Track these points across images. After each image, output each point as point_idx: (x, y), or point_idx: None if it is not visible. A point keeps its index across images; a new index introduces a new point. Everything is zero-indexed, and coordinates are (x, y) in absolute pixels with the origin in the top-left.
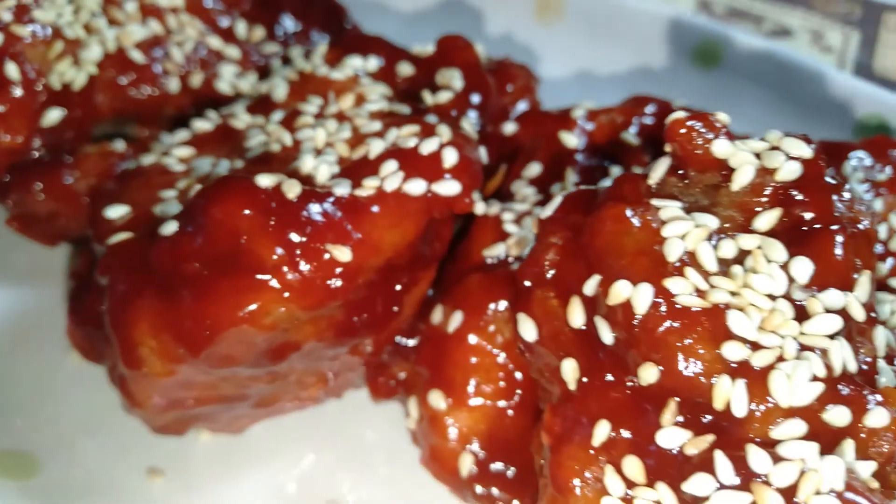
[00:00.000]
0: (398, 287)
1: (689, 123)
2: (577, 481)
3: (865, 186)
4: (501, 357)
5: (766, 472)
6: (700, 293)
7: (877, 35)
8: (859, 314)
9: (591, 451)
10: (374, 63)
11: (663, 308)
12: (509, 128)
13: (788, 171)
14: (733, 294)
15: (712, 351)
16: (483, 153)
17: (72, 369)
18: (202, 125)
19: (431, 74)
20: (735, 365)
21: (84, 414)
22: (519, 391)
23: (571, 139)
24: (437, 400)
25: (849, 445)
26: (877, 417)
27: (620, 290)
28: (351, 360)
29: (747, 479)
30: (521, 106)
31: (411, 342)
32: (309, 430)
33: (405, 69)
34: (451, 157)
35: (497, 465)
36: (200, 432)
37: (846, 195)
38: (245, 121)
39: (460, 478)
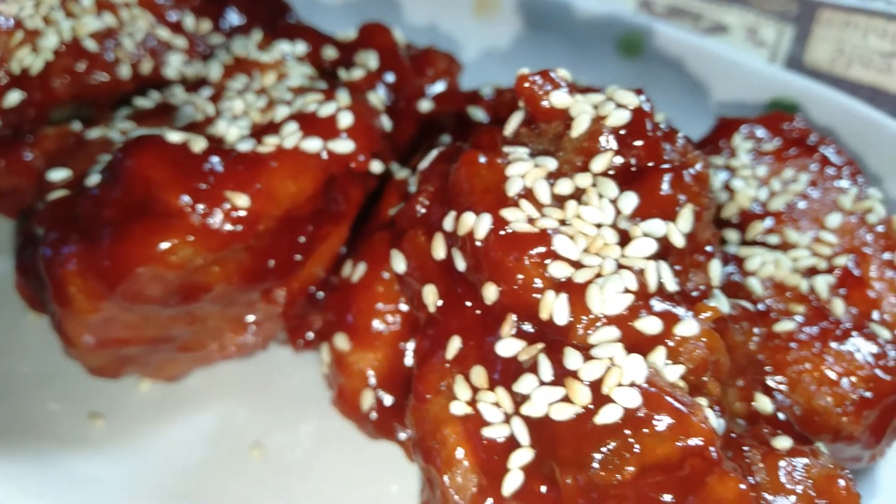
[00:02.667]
0: (302, 238)
1: (532, 78)
2: (432, 390)
3: (751, 154)
4: (400, 303)
5: (577, 368)
6: (531, 221)
7: (810, 30)
8: (679, 241)
9: (446, 365)
10: (301, 48)
11: (499, 233)
12: (425, 105)
13: (617, 117)
14: (563, 222)
15: (539, 270)
16: (386, 121)
17: (29, 328)
18: (143, 102)
19: (353, 57)
20: (559, 281)
21: (35, 366)
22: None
23: (478, 113)
24: (342, 342)
25: (660, 351)
26: (687, 327)
27: (467, 221)
28: (268, 310)
29: (562, 376)
30: (441, 87)
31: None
32: (241, 380)
33: (329, 52)
34: (346, 120)
35: (394, 399)
36: (140, 381)
37: (679, 142)
38: (181, 98)
39: (362, 413)
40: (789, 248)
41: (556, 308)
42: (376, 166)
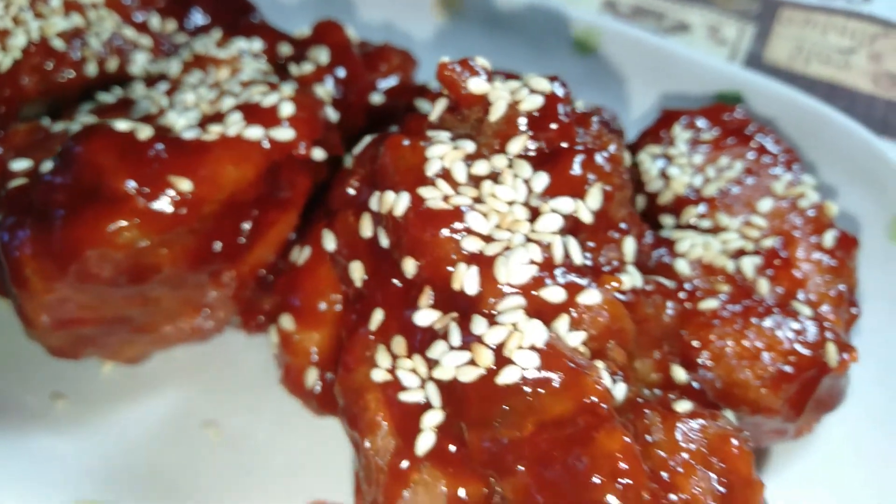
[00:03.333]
0: (247, 223)
1: (451, 66)
2: (357, 360)
3: (689, 143)
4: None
5: (482, 333)
6: (447, 199)
7: (771, 28)
8: (587, 217)
9: (371, 336)
10: (257, 45)
11: (417, 210)
12: (376, 98)
13: (531, 102)
14: (477, 200)
15: (452, 244)
16: (331, 112)
17: None
18: (105, 97)
19: (306, 53)
20: (470, 254)
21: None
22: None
23: (425, 105)
24: (287, 323)
25: (563, 319)
26: (589, 296)
27: (388, 199)
28: (220, 294)
29: (469, 341)
30: (394, 82)
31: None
32: (198, 363)
33: (284, 49)
34: (287, 109)
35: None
36: (102, 363)
37: (594, 126)
38: (140, 93)
39: (307, 390)
40: (720, 231)
41: (466, 279)
42: (318, 154)
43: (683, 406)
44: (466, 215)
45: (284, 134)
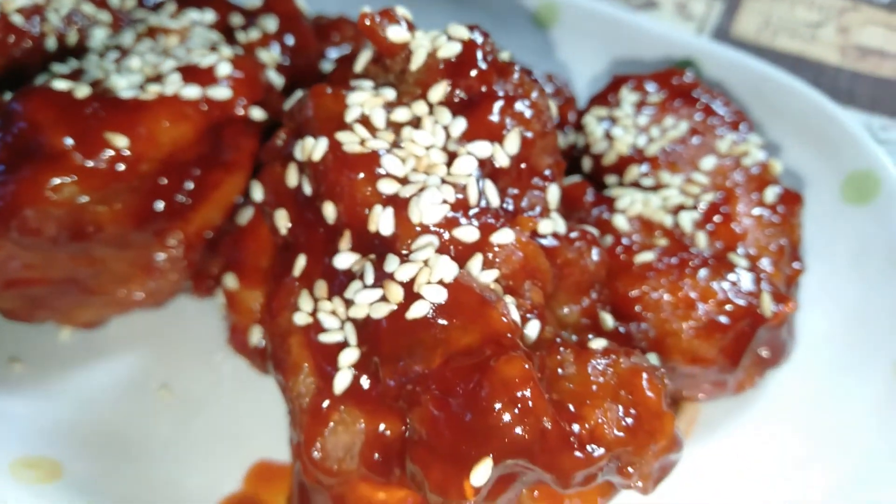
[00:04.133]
0: (189, 183)
1: (372, 15)
2: (281, 306)
3: (635, 105)
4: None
5: (393, 271)
6: (363, 143)
7: (739, 3)
8: (503, 160)
9: (295, 283)
10: (209, 16)
11: (335, 153)
12: (326, 66)
13: (449, 49)
14: (395, 145)
15: (368, 187)
16: (274, 76)
17: None
18: (60, 68)
19: (256, 22)
20: (386, 196)
21: None
22: None
23: None
24: (231, 282)
25: (477, 258)
26: (503, 236)
27: (308, 145)
28: (168, 255)
29: (381, 278)
30: (346, 51)
31: None
32: (154, 328)
33: (236, 20)
34: (224, 69)
35: None
36: (60, 329)
37: (515, 75)
38: (93, 63)
39: (251, 348)
40: (662, 188)
41: (381, 221)
42: (257, 114)
43: (598, 343)
44: (382, 159)
45: (221, 93)
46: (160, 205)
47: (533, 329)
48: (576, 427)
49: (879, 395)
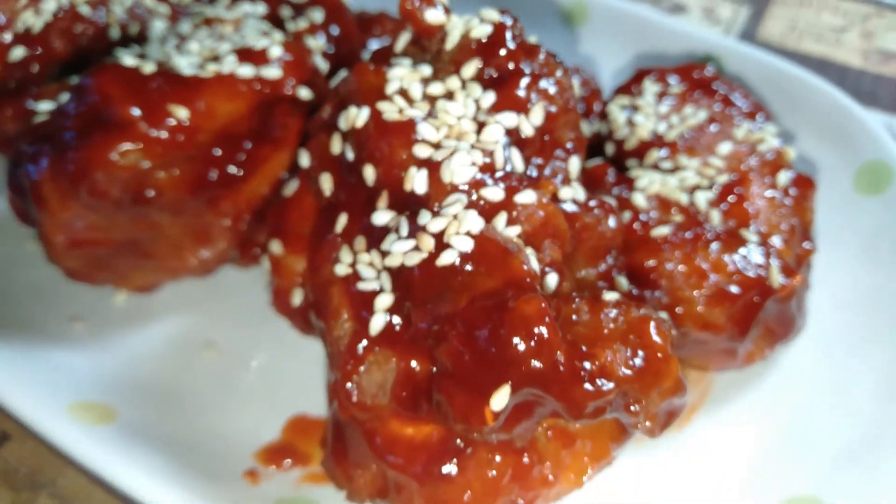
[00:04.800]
0: (241, 155)
1: (411, 0)
2: (324, 260)
3: (657, 95)
4: None
5: (426, 223)
6: (401, 112)
7: (765, 9)
8: (528, 130)
9: (338, 239)
10: (261, 8)
11: (376, 121)
12: (367, 56)
13: (481, 31)
14: (429, 114)
15: (405, 150)
16: (320, 62)
17: (26, 252)
18: (123, 53)
19: (304, 13)
20: (421, 160)
21: (29, 279)
22: None
23: None
24: (276, 248)
25: (502, 215)
26: (525, 196)
27: (351, 114)
28: (219, 224)
29: (415, 231)
30: (386, 43)
31: None
32: (203, 294)
33: (285, 12)
34: (276, 51)
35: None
36: (118, 292)
37: (542, 56)
38: (154, 48)
39: (293, 309)
40: (679, 170)
41: (416, 181)
42: (304, 93)
43: (611, 296)
44: (418, 126)
45: (273, 73)
46: (214, 174)
47: (552, 281)
48: (587, 364)
49: (885, 371)
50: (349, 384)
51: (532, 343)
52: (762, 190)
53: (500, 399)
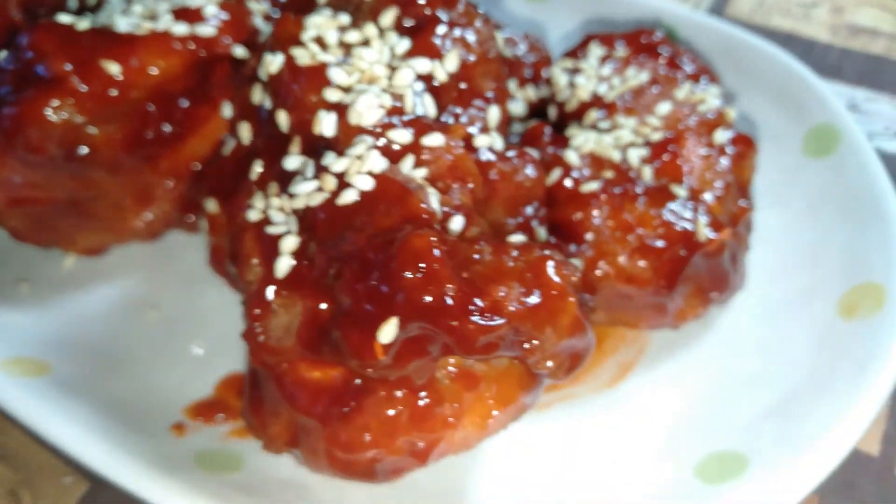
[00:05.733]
0: (178, 114)
1: None
2: (240, 207)
3: (601, 58)
4: None
5: (329, 164)
6: (314, 57)
7: None
8: (441, 76)
9: (253, 186)
10: None
11: (288, 66)
12: None
13: None
14: (343, 60)
15: (315, 94)
16: (261, 24)
17: None
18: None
19: None
20: (331, 103)
21: None
22: None
23: None
24: (211, 205)
25: (409, 157)
26: (433, 139)
27: (267, 60)
28: (160, 184)
29: (319, 171)
30: None
31: None
32: (149, 257)
33: None
34: (211, 10)
35: None
36: (65, 256)
37: (461, 6)
38: (105, 14)
39: (227, 270)
40: (617, 129)
41: (325, 123)
42: (240, 52)
43: (517, 238)
44: (329, 70)
45: (207, 30)
46: (149, 132)
47: (457, 223)
48: (478, 299)
49: (820, 330)
50: (256, 327)
51: (419, 275)
52: (697, 148)
53: (388, 332)
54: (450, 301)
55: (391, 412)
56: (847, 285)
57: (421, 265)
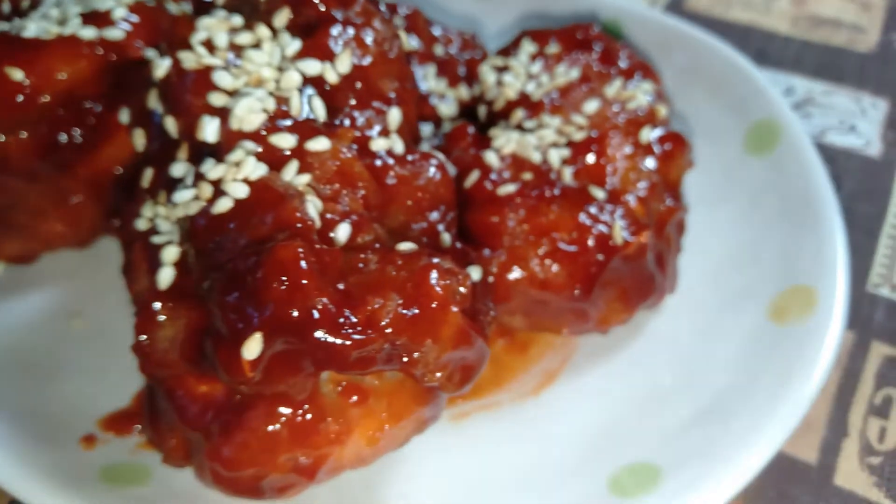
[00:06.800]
0: (91, 119)
1: None
2: (133, 215)
3: (532, 55)
4: None
5: (206, 171)
6: (200, 61)
7: None
8: (332, 77)
9: (145, 194)
10: None
11: (175, 70)
12: None
13: None
14: (230, 63)
15: (201, 99)
16: None
17: None
18: None
19: None
20: (215, 108)
21: None
22: None
23: None
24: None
25: (293, 163)
26: (318, 144)
27: (155, 64)
28: (80, 190)
29: (198, 178)
30: None
31: None
32: (79, 265)
33: None
34: (120, 13)
35: None
36: None
37: (358, 6)
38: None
39: None
40: (541, 129)
41: (207, 129)
42: (150, 54)
43: (406, 246)
44: (214, 73)
45: (115, 34)
46: (63, 137)
47: (343, 231)
48: (350, 312)
49: (749, 334)
50: (142, 340)
51: (283, 289)
52: (622, 147)
53: (253, 348)
54: (317, 315)
55: (271, 428)
56: (780, 288)
57: (285, 276)
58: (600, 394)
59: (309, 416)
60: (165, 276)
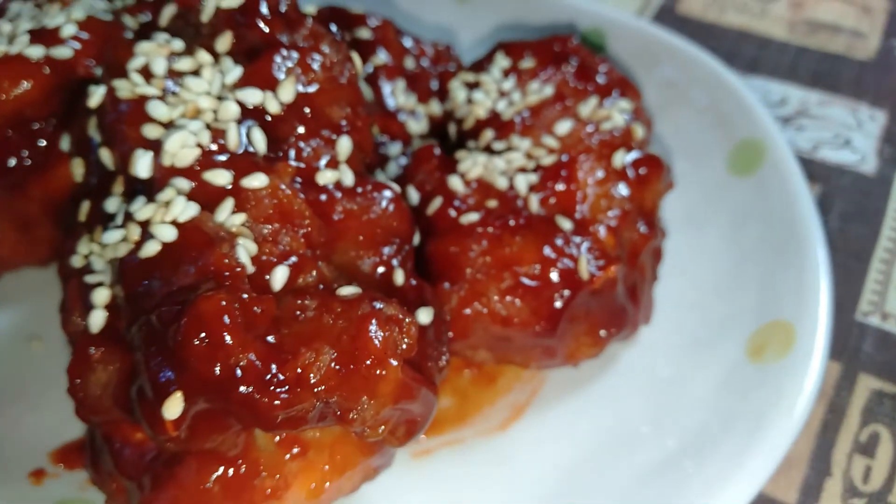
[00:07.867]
0: (42, 140)
1: None
2: (69, 250)
3: (503, 71)
4: None
5: (134, 211)
6: (134, 90)
7: None
8: (274, 107)
9: (82, 228)
10: None
11: (109, 99)
12: None
13: (231, 1)
14: (167, 92)
15: (134, 131)
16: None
17: None
18: None
19: None
20: (149, 141)
21: None
22: None
23: None
24: None
25: (228, 201)
26: (254, 181)
27: (92, 93)
28: (35, 212)
29: (127, 219)
30: None
31: None
32: (43, 286)
33: None
34: (69, 30)
35: None
36: None
37: (305, 29)
38: None
39: None
40: (510, 151)
41: (139, 164)
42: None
43: (348, 290)
44: (149, 104)
45: (63, 52)
46: (12, 160)
47: (280, 274)
48: (277, 368)
49: (725, 371)
50: (75, 386)
51: (204, 346)
52: (592, 172)
53: (174, 408)
54: (240, 372)
55: (204, 484)
56: (758, 322)
57: (205, 331)
58: (568, 431)
59: (243, 470)
60: (96, 320)
